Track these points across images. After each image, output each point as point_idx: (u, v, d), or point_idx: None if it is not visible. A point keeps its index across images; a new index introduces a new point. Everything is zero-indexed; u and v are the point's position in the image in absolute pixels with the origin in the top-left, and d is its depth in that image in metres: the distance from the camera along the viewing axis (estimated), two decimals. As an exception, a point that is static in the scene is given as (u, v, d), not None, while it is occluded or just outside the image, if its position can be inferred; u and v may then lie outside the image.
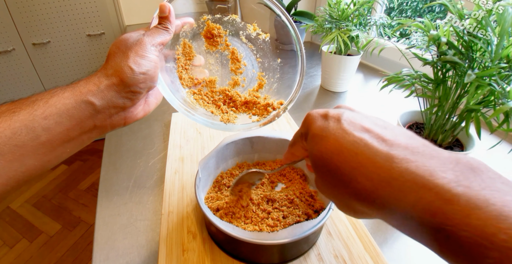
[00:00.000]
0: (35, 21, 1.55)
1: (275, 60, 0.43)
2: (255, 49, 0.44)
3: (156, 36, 0.32)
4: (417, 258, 0.40)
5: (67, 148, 0.28)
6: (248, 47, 0.44)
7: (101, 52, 1.79)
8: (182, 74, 0.40)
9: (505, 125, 0.35)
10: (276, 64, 0.43)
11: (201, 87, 0.42)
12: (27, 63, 1.64)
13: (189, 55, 0.41)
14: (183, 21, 0.37)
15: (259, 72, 0.44)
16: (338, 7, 0.76)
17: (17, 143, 0.24)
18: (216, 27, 0.41)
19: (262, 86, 0.43)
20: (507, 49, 0.36)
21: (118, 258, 0.39)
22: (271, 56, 0.44)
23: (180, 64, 0.40)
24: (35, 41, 1.60)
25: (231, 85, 0.43)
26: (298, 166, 0.49)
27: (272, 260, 0.38)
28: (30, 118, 0.25)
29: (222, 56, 0.43)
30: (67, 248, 1.38)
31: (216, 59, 0.43)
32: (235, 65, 0.43)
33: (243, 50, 0.44)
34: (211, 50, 0.42)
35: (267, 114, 0.40)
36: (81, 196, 1.66)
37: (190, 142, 0.60)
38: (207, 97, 0.41)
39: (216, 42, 0.42)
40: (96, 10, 1.64)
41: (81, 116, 0.27)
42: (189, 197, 0.46)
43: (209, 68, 0.43)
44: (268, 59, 0.44)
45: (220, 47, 0.42)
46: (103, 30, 1.71)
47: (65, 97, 0.27)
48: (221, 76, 0.44)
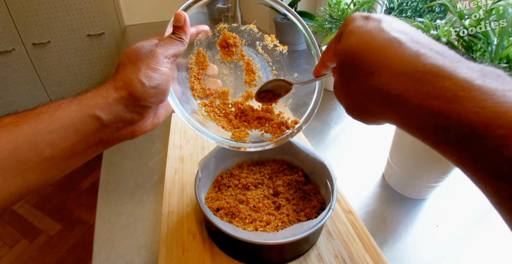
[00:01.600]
0: (35, 21, 1.55)
1: (292, 74, 0.41)
2: (271, 60, 0.42)
3: (170, 47, 0.30)
4: (417, 258, 0.40)
5: (71, 162, 0.27)
6: (264, 58, 0.42)
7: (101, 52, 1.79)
8: (194, 85, 0.38)
9: (505, 125, 0.35)
10: (293, 78, 0.41)
11: (213, 98, 0.40)
12: (27, 63, 1.64)
13: (203, 64, 0.39)
14: (198, 29, 0.35)
15: None
16: (338, 7, 0.76)
17: (20, 159, 0.23)
18: (232, 36, 0.39)
19: (277, 101, 0.41)
20: (507, 49, 0.36)
21: (118, 258, 0.39)
22: (288, 69, 0.42)
23: (192, 74, 0.39)
24: (35, 41, 1.60)
25: (244, 97, 0.41)
26: (299, 166, 0.49)
27: (272, 260, 0.38)
28: (34, 133, 0.24)
29: (237, 67, 0.42)
30: (67, 248, 1.38)
31: (230, 69, 0.42)
32: (249, 77, 0.41)
33: (258, 61, 0.42)
34: (225, 60, 0.41)
35: (280, 133, 0.38)
36: (81, 196, 1.67)
37: (190, 142, 0.60)
38: (218, 110, 0.40)
39: (231, 51, 0.40)
40: (96, 10, 1.64)
41: (87, 131, 0.26)
42: (189, 197, 0.46)
43: (223, 78, 0.41)
44: (284, 72, 0.42)
45: (235, 57, 0.41)
46: (103, 30, 1.71)
47: (71, 110, 0.26)
48: (235, 87, 0.42)
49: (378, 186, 0.52)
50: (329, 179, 0.41)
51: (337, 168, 0.56)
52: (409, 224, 0.45)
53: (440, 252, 0.41)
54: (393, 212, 0.47)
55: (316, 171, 0.45)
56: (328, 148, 0.62)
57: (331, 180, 0.40)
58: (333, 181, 0.40)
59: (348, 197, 0.47)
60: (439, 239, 0.43)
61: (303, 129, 0.38)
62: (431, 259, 0.40)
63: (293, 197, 0.44)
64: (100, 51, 1.79)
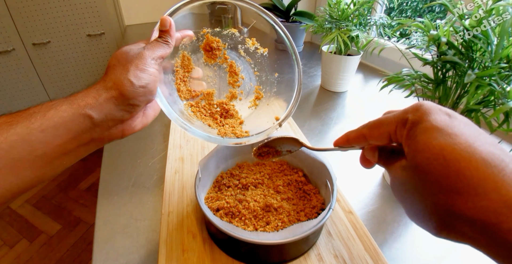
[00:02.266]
0: (35, 21, 1.55)
1: (273, 74, 0.44)
2: (253, 62, 0.44)
3: (156, 50, 0.32)
4: (417, 258, 0.40)
5: (63, 161, 0.28)
6: (246, 60, 0.44)
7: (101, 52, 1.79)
8: (180, 87, 0.40)
9: (505, 125, 0.35)
10: (274, 78, 0.44)
11: (199, 99, 0.42)
12: (27, 63, 1.64)
13: (188, 67, 0.41)
14: (183, 34, 0.37)
15: (256, 85, 0.45)
16: (338, 7, 0.76)
17: (14, 157, 0.24)
18: (216, 40, 0.42)
19: (260, 98, 0.44)
20: (507, 49, 0.36)
21: (118, 258, 0.39)
22: (269, 70, 0.44)
23: (178, 77, 0.40)
24: (35, 41, 1.60)
25: (229, 98, 0.44)
26: (299, 166, 0.49)
27: (272, 260, 0.38)
28: (27, 132, 0.25)
29: (220, 69, 0.44)
30: (67, 248, 1.38)
31: (214, 72, 0.44)
32: (233, 78, 0.44)
33: (241, 63, 0.44)
34: (209, 63, 0.43)
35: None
36: (81, 196, 1.67)
37: (190, 142, 0.60)
38: (204, 110, 0.42)
39: (215, 55, 0.42)
40: (96, 10, 1.64)
41: (78, 129, 0.27)
42: (189, 197, 0.46)
43: (207, 80, 0.44)
44: (265, 73, 0.44)
45: (219, 60, 0.43)
46: (103, 30, 1.71)
47: (62, 110, 0.26)
48: (219, 89, 0.44)
49: (378, 186, 0.52)
50: (329, 179, 0.41)
51: (337, 168, 0.56)
52: (409, 224, 0.45)
53: (440, 252, 0.41)
54: (393, 212, 0.47)
55: (316, 171, 0.45)
56: (328, 148, 0.62)
57: (331, 180, 0.40)
58: (333, 181, 0.40)
59: (348, 197, 0.47)
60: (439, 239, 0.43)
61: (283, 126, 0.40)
62: (431, 259, 0.40)
63: (293, 197, 0.44)
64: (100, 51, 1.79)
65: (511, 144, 0.63)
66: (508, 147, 0.62)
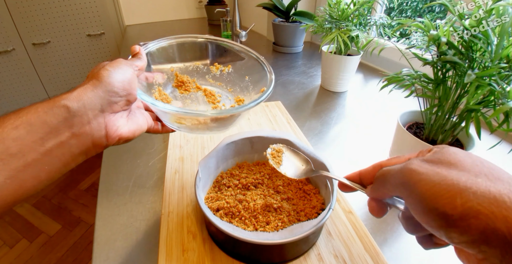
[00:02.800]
0: (35, 21, 1.55)
1: (244, 80, 0.47)
2: (224, 84, 0.48)
3: (131, 60, 0.35)
4: (416, 258, 0.40)
5: (44, 164, 0.26)
6: (218, 85, 0.48)
7: (101, 52, 1.79)
8: None
9: (505, 125, 0.35)
10: (246, 81, 0.47)
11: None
12: (27, 63, 1.64)
13: (166, 100, 0.42)
14: (154, 74, 0.41)
15: (235, 97, 0.47)
16: (338, 7, 0.76)
17: None
18: (185, 77, 0.46)
19: (243, 101, 0.46)
20: (507, 49, 0.36)
21: (118, 258, 0.39)
22: (240, 80, 0.47)
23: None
24: (35, 41, 1.60)
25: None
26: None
27: (272, 260, 0.38)
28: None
29: (197, 95, 0.47)
30: (67, 248, 1.38)
31: (192, 99, 0.46)
32: (211, 98, 0.47)
33: (214, 88, 0.48)
34: (185, 94, 0.46)
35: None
36: (81, 196, 1.67)
37: (190, 142, 0.60)
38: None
39: (188, 87, 0.46)
40: (96, 10, 1.64)
41: (54, 121, 0.26)
42: (189, 197, 0.46)
43: (190, 106, 0.46)
44: (238, 84, 0.48)
45: (193, 90, 0.47)
46: (103, 30, 1.71)
47: (37, 106, 0.26)
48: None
49: (378, 186, 0.52)
50: (329, 179, 0.41)
51: (337, 168, 0.56)
52: (409, 224, 0.45)
53: (440, 252, 0.41)
54: (393, 212, 0.47)
55: (316, 171, 0.45)
56: (328, 147, 0.62)
57: (331, 180, 0.40)
58: (333, 181, 0.40)
59: (348, 197, 0.47)
60: (439, 239, 0.43)
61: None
62: (431, 259, 0.40)
63: (293, 197, 0.44)
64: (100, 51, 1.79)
65: (511, 144, 0.63)
66: (508, 147, 0.62)
